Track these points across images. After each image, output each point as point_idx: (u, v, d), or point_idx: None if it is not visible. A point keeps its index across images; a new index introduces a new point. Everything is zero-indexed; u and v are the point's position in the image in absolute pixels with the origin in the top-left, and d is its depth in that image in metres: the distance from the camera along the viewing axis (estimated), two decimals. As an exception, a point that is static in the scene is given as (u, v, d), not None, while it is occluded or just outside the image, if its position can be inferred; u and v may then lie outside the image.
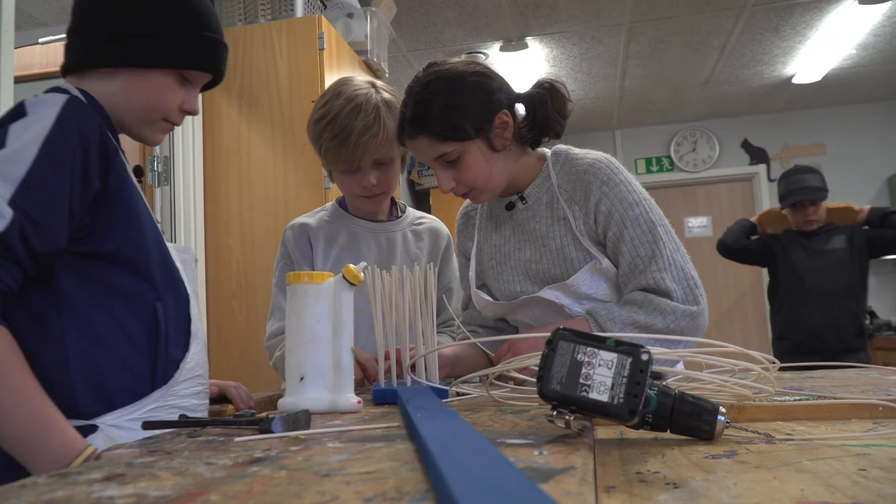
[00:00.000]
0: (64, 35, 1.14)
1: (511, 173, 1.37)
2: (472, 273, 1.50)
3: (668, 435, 0.69)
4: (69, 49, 1.12)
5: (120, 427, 0.98)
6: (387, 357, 1.09)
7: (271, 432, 0.72)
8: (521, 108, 1.35)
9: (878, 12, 4.12)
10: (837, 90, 5.54)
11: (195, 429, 0.79)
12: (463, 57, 1.38)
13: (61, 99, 0.98)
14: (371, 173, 1.47)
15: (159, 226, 1.14)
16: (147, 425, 0.81)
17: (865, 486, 0.47)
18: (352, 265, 0.96)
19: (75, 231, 0.98)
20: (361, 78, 1.52)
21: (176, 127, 1.17)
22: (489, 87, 1.29)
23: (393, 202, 1.66)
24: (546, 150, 1.43)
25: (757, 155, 6.17)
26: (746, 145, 6.20)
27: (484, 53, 4.50)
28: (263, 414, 0.78)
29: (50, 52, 3.02)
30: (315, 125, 1.48)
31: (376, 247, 1.58)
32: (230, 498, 0.43)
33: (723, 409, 0.67)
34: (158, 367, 1.04)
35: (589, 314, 1.29)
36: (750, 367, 0.78)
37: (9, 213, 0.88)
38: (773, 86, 5.38)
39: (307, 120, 1.53)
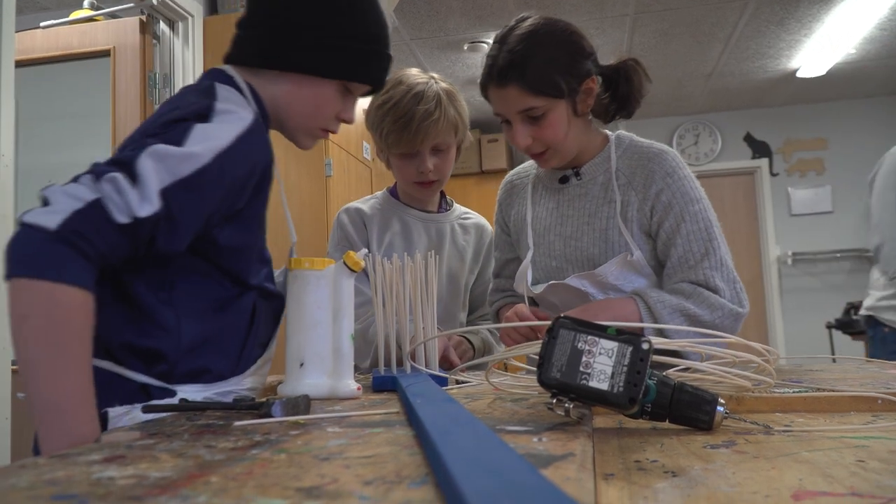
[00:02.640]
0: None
1: (579, 145, 1.37)
2: (515, 241, 1.51)
3: (666, 425, 0.69)
4: (241, 40, 1.10)
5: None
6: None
7: (271, 417, 0.72)
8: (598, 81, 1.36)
9: (884, 6, 4.10)
10: (842, 84, 5.52)
11: (195, 413, 0.79)
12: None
13: (246, 120, 0.97)
14: (429, 159, 1.51)
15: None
16: (147, 409, 0.81)
17: (864, 478, 0.47)
18: (352, 252, 0.96)
19: (197, 238, 0.97)
20: (417, 70, 1.56)
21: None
22: (585, 51, 1.31)
23: (442, 195, 1.69)
24: (609, 133, 1.44)
25: (759, 149, 6.16)
26: (749, 139, 6.18)
27: (487, 43, 4.49)
28: (263, 399, 0.78)
29: (51, 37, 3.00)
30: (377, 111, 1.52)
31: (426, 236, 1.61)
32: (230, 479, 0.43)
33: (722, 400, 0.67)
34: (243, 358, 1.05)
35: (637, 295, 1.28)
36: (751, 358, 0.78)
37: (157, 203, 0.85)
38: (777, 79, 5.36)
39: (367, 106, 1.57)
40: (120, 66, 2.90)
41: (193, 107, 0.96)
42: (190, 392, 0.97)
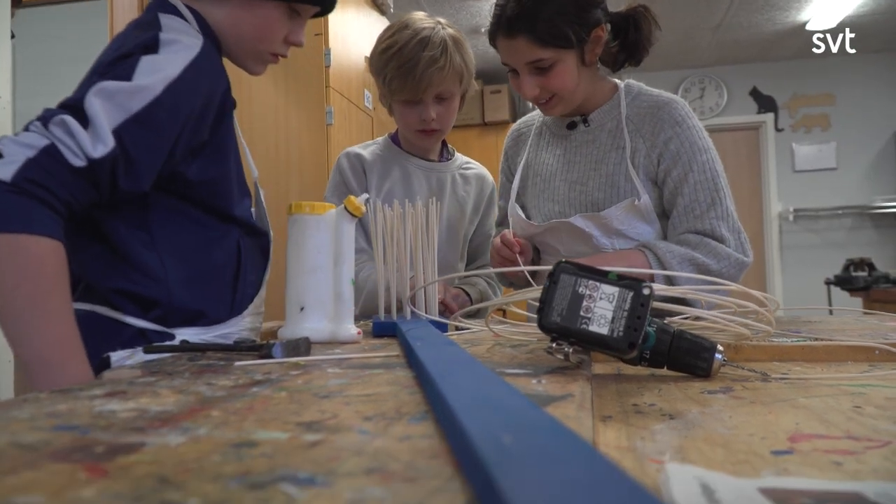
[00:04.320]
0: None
1: (587, 93, 1.38)
2: (515, 185, 1.51)
3: (664, 371, 0.70)
4: None
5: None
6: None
7: (271, 357, 0.72)
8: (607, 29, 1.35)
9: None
10: (851, 38, 5.42)
11: (196, 353, 0.80)
12: None
13: (194, 48, 0.95)
14: (432, 107, 1.49)
15: (248, 155, 1.17)
16: (149, 349, 0.82)
17: (860, 423, 0.47)
18: (353, 197, 0.95)
19: (166, 176, 0.96)
20: (424, 14, 1.52)
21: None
22: (593, 0, 1.30)
23: (444, 144, 1.66)
24: (619, 82, 1.44)
25: (765, 103, 6.09)
26: (755, 93, 6.10)
27: (492, -10, 4.39)
28: (264, 342, 0.79)
29: (46, -23, 2.94)
30: (380, 56, 1.48)
31: (427, 185, 1.60)
32: (231, 414, 0.44)
33: (720, 348, 0.67)
34: (237, 298, 1.06)
35: (646, 247, 1.29)
36: (753, 307, 0.78)
37: (111, 142, 0.84)
38: (786, 32, 5.26)
39: (371, 51, 1.53)
40: (118, 9, 2.84)
41: (139, 40, 0.93)
42: (189, 335, 0.98)
